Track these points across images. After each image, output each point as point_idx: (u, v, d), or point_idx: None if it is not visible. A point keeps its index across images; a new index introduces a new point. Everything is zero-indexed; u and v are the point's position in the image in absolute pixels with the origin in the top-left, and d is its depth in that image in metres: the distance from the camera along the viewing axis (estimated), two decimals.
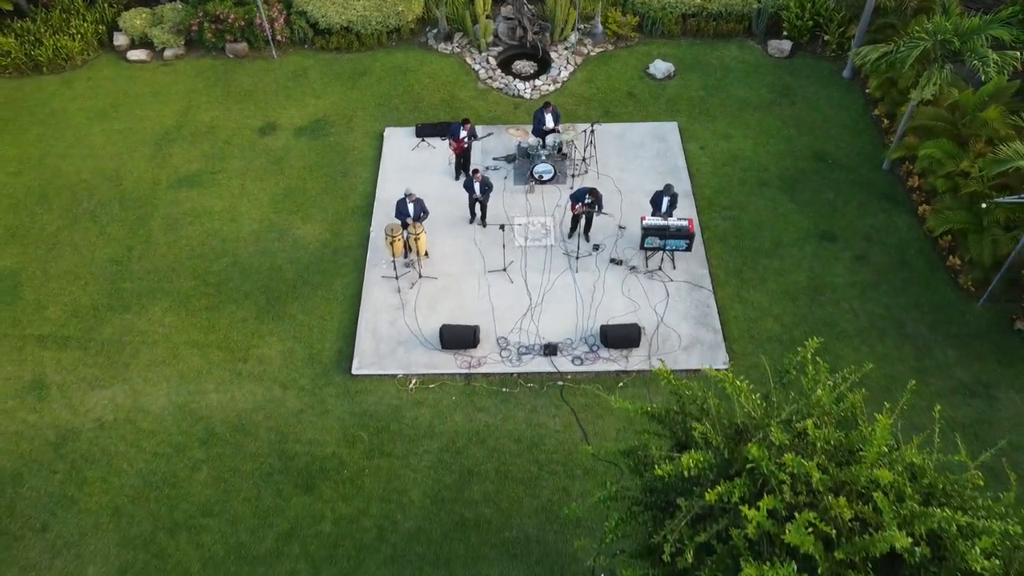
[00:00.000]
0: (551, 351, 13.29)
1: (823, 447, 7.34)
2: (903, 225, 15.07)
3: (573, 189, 15.09)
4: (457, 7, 19.27)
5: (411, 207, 13.95)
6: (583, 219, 14.58)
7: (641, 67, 18.92)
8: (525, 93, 18.37)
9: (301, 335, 13.82)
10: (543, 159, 15.69)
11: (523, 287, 14.29)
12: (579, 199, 14.12)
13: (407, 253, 14.42)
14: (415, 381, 13.14)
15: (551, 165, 15.74)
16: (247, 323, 14.04)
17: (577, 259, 14.66)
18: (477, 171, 14.51)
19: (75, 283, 14.76)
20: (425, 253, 14.58)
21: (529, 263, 14.67)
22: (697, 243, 14.71)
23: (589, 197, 13.99)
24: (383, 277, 14.52)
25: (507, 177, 16.25)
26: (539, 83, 18.58)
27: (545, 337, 13.52)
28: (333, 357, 13.49)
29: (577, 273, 14.47)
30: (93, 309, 14.33)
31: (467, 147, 15.77)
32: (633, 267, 14.50)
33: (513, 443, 12.35)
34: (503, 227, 14.43)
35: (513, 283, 14.35)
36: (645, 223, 13.88)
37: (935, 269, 14.34)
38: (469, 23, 19.25)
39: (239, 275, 14.80)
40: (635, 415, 8.17)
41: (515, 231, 15.15)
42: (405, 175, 16.24)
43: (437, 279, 14.45)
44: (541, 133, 15.96)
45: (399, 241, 13.98)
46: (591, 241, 14.89)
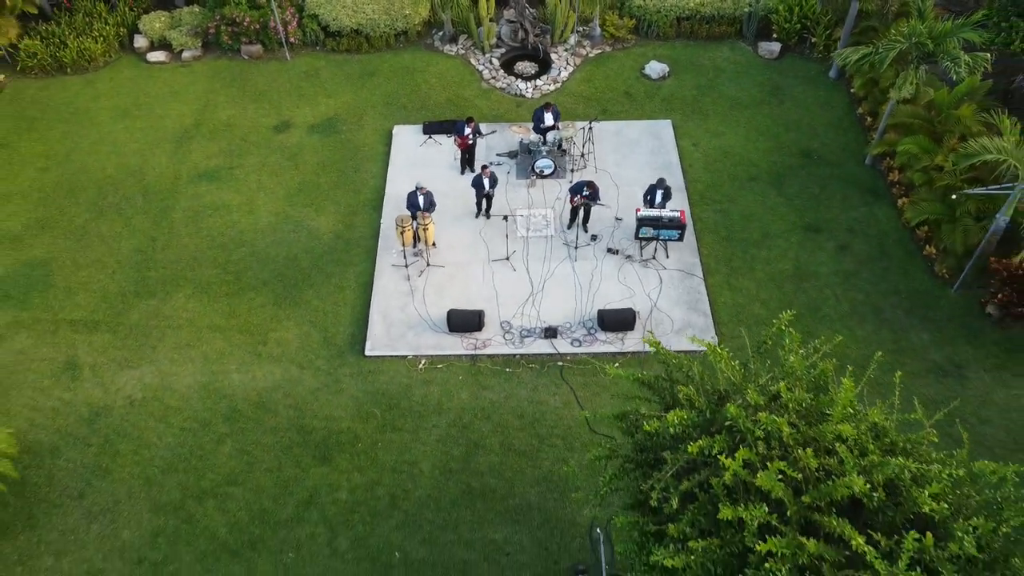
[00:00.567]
0: (551, 334, 14.17)
1: (794, 408, 8.23)
2: (883, 217, 15.95)
3: (572, 183, 15.99)
4: (462, 10, 20.14)
5: (421, 199, 14.85)
6: (581, 211, 15.49)
7: (637, 68, 19.81)
8: (527, 92, 19.25)
9: (317, 319, 14.71)
10: (544, 155, 16.60)
11: (525, 274, 15.19)
12: (577, 191, 15.01)
13: (416, 243, 15.30)
14: (424, 362, 14.02)
15: (551, 160, 16.64)
16: (266, 308, 14.93)
17: (576, 248, 15.55)
18: (486, 167, 15.38)
19: (103, 271, 15.65)
20: (433, 243, 15.47)
21: (531, 252, 15.57)
22: (689, 233, 15.59)
23: (587, 189, 14.89)
24: (393, 265, 15.41)
25: (510, 172, 17.14)
26: (540, 83, 19.46)
27: (546, 321, 14.41)
28: (347, 340, 14.38)
29: (576, 261, 15.36)
30: (121, 296, 15.23)
31: (472, 144, 16.66)
32: (629, 256, 15.39)
33: (516, 419, 13.22)
34: (506, 218, 15.33)
35: (516, 271, 15.25)
36: (640, 214, 14.76)
37: (912, 258, 15.22)
38: (473, 26, 20.13)
39: (257, 264, 15.69)
40: (628, 381, 9.07)
41: (517, 222, 16.04)
42: (413, 170, 17.12)
43: (444, 267, 15.34)
44: (541, 131, 16.86)
45: (409, 231, 14.86)
46: (589, 232, 15.80)
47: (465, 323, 14.16)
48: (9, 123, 18.75)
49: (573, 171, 16.99)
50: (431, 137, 18.01)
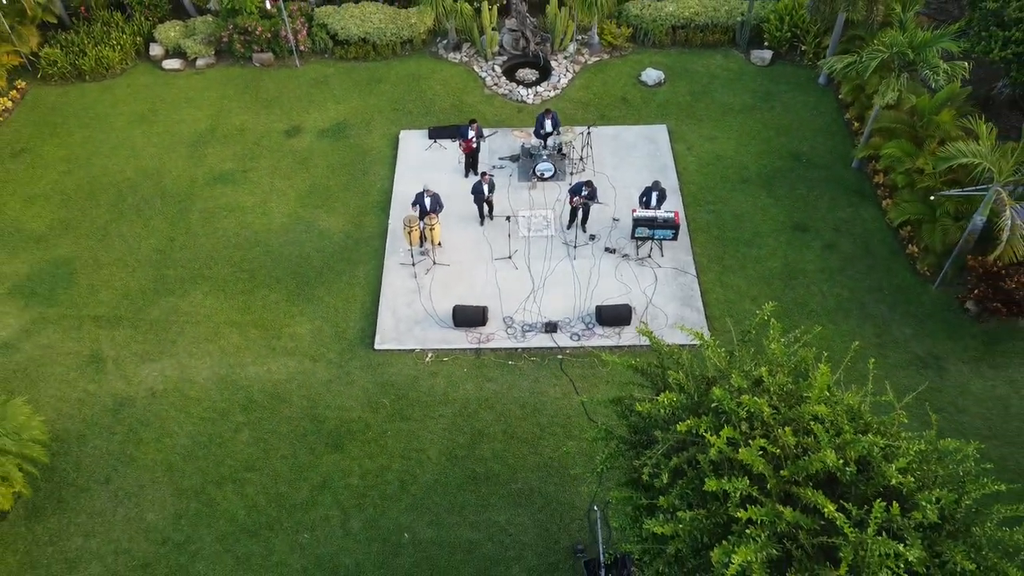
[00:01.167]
0: (551, 328, 14.90)
1: (775, 391, 8.96)
2: (868, 217, 16.69)
3: (571, 185, 16.72)
4: (465, 20, 20.88)
5: (428, 200, 15.60)
6: (580, 212, 16.23)
7: (634, 75, 20.57)
8: (528, 98, 20.01)
9: (328, 315, 15.44)
10: (544, 158, 17.37)
11: (527, 272, 15.93)
12: (577, 192, 15.76)
13: (423, 242, 16.03)
14: (431, 355, 14.75)
15: (552, 164, 17.40)
16: (279, 305, 15.66)
17: (575, 247, 16.29)
18: (485, 174, 16.13)
19: (124, 270, 16.40)
20: (439, 242, 16.21)
21: (532, 251, 16.31)
22: (683, 233, 16.33)
23: (586, 189, 15.63)
24: (401, 264, 16.15)
25: (512, 174, 17.89)
26: (541, 89, 20.22)
27: (546, 316, 15.14)
28: (357, 334, 15.11)
29: (575, 260, 16.10)
30: (141, 293, 15.97)
31: (476, 147, 17.41)
32: (625, 255, 16.13)
33: (518, 408, 13.94)
34: (509, 218, 16.08)
35: (518, 269, 15.99)
36: (636, 215, 15.51)
37: (896, 256, 15.96)
38: (476, 34, 20.89)
39: (271, 263, 16.44)
40: (623, 368, 9.80)
41: (519, 223, 16.79)
42: (419, 173, 17.87)
43: (449, 265, 16.08)
44: (541, 135, 17.61)
45: (416, 231, 15.60)
46: (588, 232, 16.54)
47: (469, 318, 14.89)
48: (32, 128, 19.54)
49: (572, 174, 17.74)
50: (436, 141, 18.75)
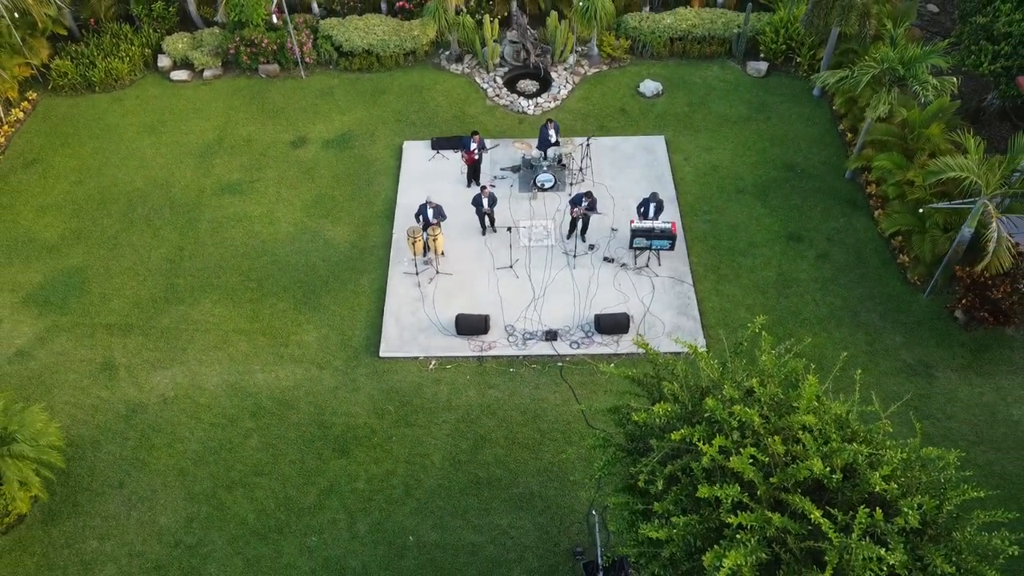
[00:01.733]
0: (552, 337, 15.31)
1: (766, 401, 9.36)
2: (861, 227, 17.10)
3: (571, 196, 17.13)
4: (467, 31, 21.29)
5: (431, 211, 16.01)
6: (580, 223, 16.64)
7: (632, 86, 20.99)
8: (528, 109, 20.43)
9: (334, 323, 15.85)
10: (545, 169, 17.78)
11: (527, 281, 16.34)
12: (577, 203, 16.17)
13: (426, 252, 16.44)
14: (434, 362, 15.16)
15: (552, 175, 17.81)
16: (287, 313, 16.07)
17: (575, 257, 16.70)
18: (485, 187, 16.54)
19: (134, 279, 16.81)
20: (442, 252, 16.62)
21: (533, 261, 16.72)
22: (680, 243, 16.74)
23: (585, 200, 16.03)
24: (405, 273, 16.56)
25: (513, 185, 18.30)
26: (541, 100, 20.63)
27: (547, 324, 15.55)
28: (363, 342, 15.52)
29: (575, 269, 16.51)
30: (152, 301, 16.38)
31: (478, 159, 17.82)
32: (623, 264, 16.54)
33: (519, 415, 14.35)
34: (510, 229, 16.49)
35: (519, 278, 16.40)
36: (633, 226, 15.92)
37: (887, 266, 16.36)
38: (478, 46, 21.31)
39: (278, 272, 16.85)
40: (620, 379, 10.20)
41: (520, 233, 17.20)
42: (423, 183, 18.28)
43: (452, 275, 16.49)
44: (547, 146, 18.01)
45: (419, 241, 16.01)
46: (587, 242, 16.95)
47: (472, 327, 15.29)
48: (44, 139, 19.96)
49: (572, 185, 18.15)
50: (439, 152, 19.16)
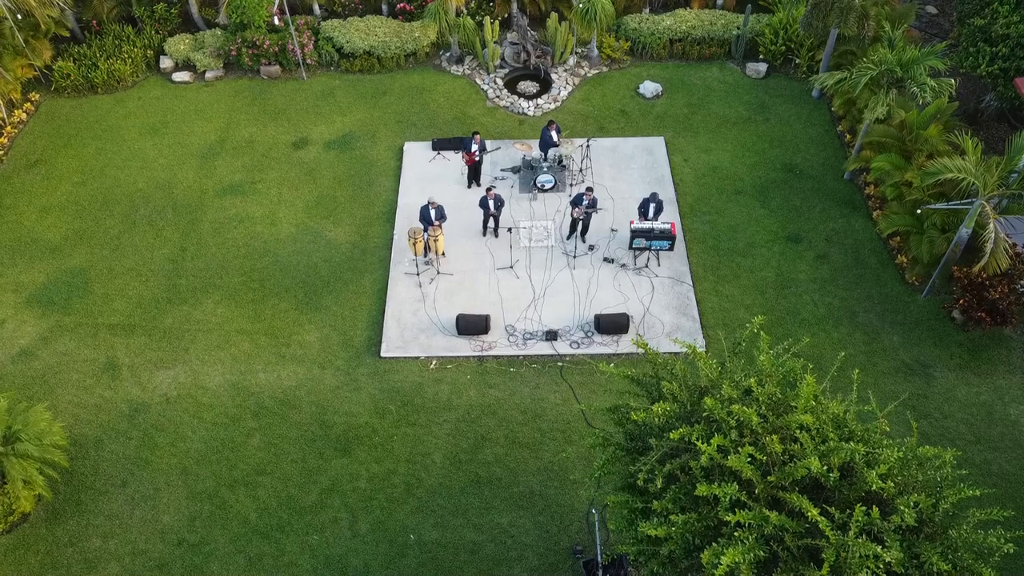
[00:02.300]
0: (552, 337, 15.41)
1: (764, 400, 9.46)
2: (859, 228, 17.20)
3: (572, 196, 17.22)
4: (468, 33, 21.37)
5: (432, 212, 16.11)
6: (580, 223, 16.74)
7: (632, 87, 21.08)
8: (529, 111, 20.52)
9: (336, 323, 15.94)
10: (545, 170, 17.88)
11: (528, 282, 16.44)
12: (578, 203, 16.27)
13: (427, 252, 16.54)
14: (435, 362, 15.26)
15: (552, 176, 17.91)
16: (288, 313, 16.17)
17: (575, 257, 16.80)
18: (491, 189, 16.63)
19: (137, 279, 16.91)
20: (443, 252, 16.72)
21: (533, 261, 16.81)
22: (679, 243, 16.84)
23: (586, 197, 16.12)
24: (406, 274, 16.66)
25: (513, 186, 18.40)
26: (541, 102, 20.73)
27: (547, 324, 15.65)
28: (364, 342, 15.61)
29: (575, 270, 16.60)
30: (154, 301, 16.47)
31: (478, 159, 17.92)
32: (623, 264, 16.64)
33: (520, 414, 14.44)
34: (510, 230, 16.59)
35: (519, 278, 16.50)
36: (633, 226, 16.01)
37: (885, 266, 16.45)
38: (479, 47, 21.41)
39: (280, 272, 16.94)
40: (620, 378, 10.30)
41: (520, 234, 17.30)
42: (424, 184, 18.38)
43: (453, 275, 16.59)
44: (548, 147, 18.10)
45: (420, 242, 16.11)
46: (587, 242, 17.05)
47: (472, 327, 15.39)
48: (46, 140, 20.06)
49: (572, 185, 18.24)
50: (440, 153, 19.26)
